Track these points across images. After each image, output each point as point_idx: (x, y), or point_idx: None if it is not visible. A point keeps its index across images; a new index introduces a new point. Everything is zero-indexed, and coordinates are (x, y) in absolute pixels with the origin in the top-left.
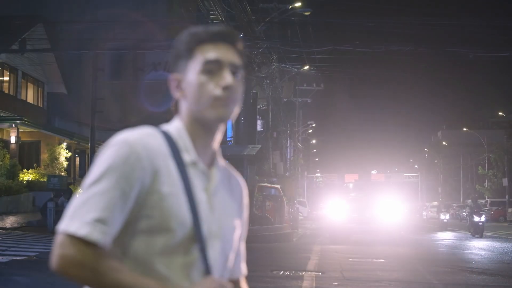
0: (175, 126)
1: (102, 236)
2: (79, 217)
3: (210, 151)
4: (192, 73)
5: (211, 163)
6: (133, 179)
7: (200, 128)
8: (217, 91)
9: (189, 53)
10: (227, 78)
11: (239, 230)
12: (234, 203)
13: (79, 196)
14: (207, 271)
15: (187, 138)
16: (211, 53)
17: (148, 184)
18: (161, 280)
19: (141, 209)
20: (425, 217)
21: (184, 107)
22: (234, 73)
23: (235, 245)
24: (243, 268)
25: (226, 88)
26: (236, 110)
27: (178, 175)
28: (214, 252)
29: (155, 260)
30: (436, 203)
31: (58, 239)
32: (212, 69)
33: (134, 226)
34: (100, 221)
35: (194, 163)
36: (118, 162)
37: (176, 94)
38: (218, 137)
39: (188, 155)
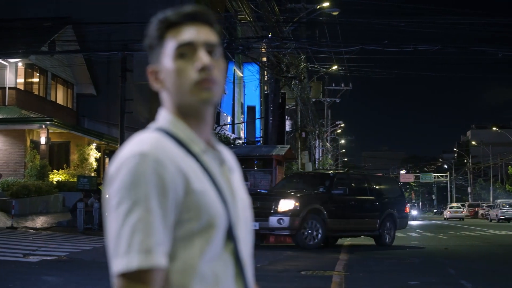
0: (168, 120)
1: (165, 258)
2: (137, 249)
3: (205, 135)
4: (166, 60)
5: (211, 146)
6: (167, 190)
7: (189, 116)
8: (195, 75)
9: (160, 40)
10: (203, 58)
11: (249, 204)
12: (240, 180)
13: (120, 227)
14: (238, 260)
15: (186, 128)
16: (182, 35)
17: (181, 187)
18: (207, 280)
19: (181, 214)
20: (446, 216)
21: (167, 98)
22: (210, 52)
23: (251, 223)
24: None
25: (203, 69)
26: (219, 90)
27: (199, 169)
28: (241, 237)
29: (198, 260)
30: (457, 204)
31: (121, 284)
32: (186, 52)
33: (176, 233)
34: (158, 244)
35: (204, 152)
36: (146, 177)
37: (156, 86)
38: (209, 120)
39: (196, 145)
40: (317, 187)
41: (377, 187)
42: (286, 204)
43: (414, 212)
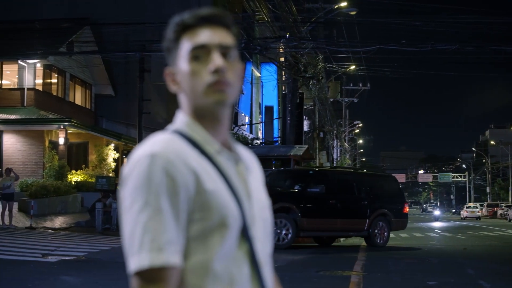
0: (184, 122)
1: (178, 256)
2: (148, 248)
3: (222, 136)
4: (182, 63)
5: (228, 146)
6: (178, 190)
7: (205, 117)
8: (209, 77)
9: (176, 42)
10: (216, 60)
11: (269, 206)
12: (260, 180)
13: (133, 227)
14: (254, 260)
15: (201, 130)
16: (197, 38)
17: (193, 188)
18: (221, 280)
19: (193, 214)
20: (463, 216)
21: (184, 99)
22: (225, 54)
23: (270, 224)
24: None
25: (217, 71)
26: (234, 92)
27: (213, 169)
28: (257, 238)
29: (214, 261)
30: (473, 203)
31: (137, 282)
32: (200, 54)
33: (189, 232)
34: (170, 242)
35: (218, 152)
36: (157, 177)
37: (173, 88)
38: (225, 121)
39: (210, 146)
40: (295, 185)
41: (368, 185)
42: None
43: (437, 213)
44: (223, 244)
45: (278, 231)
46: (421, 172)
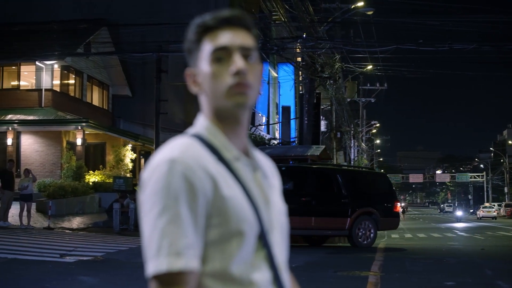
0: (204, 126)
1: (196, 261)
2: (166, 252)
3: (242, 140)
4: (203, 64)
5: (246, 152)
6: (196, 194)
7: (225, 119)
8: (230, 79)
9: (198, 44)
10: (238, 62)
11: (285, 212)
12: (276, 186)
13: (151, 231)
14: (273, 265)
15: (220, 135)
16: (218, 39)
17: (210, 193)
18: (240, 285)
19: (209, 219)
20: (479, 216)
21: (204, 101)
22: (246, 56)
23: (287, 230)
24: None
25: (238, 74)
26: (254, 94)
27: (230, 175)
28: (275, 243)
29: (232, 266)
30: (489, 203)
31: (155, 286)
32: (221, 56)
33: (207, 237)
34: (188, 247)
35: (236, 158)
36: (176, 182)
37: (194, 89)
38: (245, 123)
39: (229, 152)
40: None
41: (352, 182)
42: None
43: (459, 213)
44: (241, 249)
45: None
46: (438, 172)
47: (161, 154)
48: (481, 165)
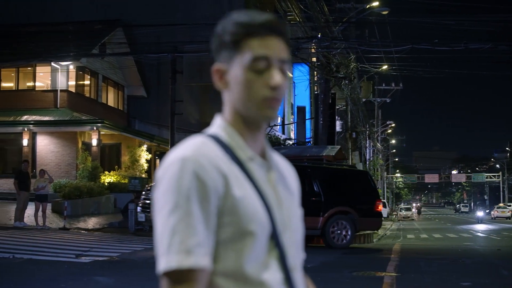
0: (221, 126)
1: (207, 259)
2: (176, 250)
3: (260, 143)
4: (238, 68)
5: (263, 154)
6: (208, 193)
7: (247, 124)
8: (266, 92)
9: (235, 45)
10: (277, 77)
11: (301, 216)
12: (293, 189)
13: (163, 229)
14: (285, 266)
15: (237, 135)
16: (261, 49)
17: (222, 191)
18: (251, 284)
19: (221, 218)
20: (494, 216)
21: (228, 101)
22: (281, 69)
23: (301, 232)
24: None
25: (274, 88)
26: (280, 106)
27: (243, 175)
28: (288, 244)
29: (243, 265)
30: (504, 203)
31: (165, 283)
32: (259, 66)
33: (218, 236)
34: (198, 245)
35: (250, 159)
36: (187, 180)
37: (219, 85)
38: (264, 129)
39: (243, 153)
40: None
41: (326, 180)
42: None
43: (480, 214)
44: (252, 249)
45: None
46: (454, 172)
47: (175, 153)
48: (497, 165)
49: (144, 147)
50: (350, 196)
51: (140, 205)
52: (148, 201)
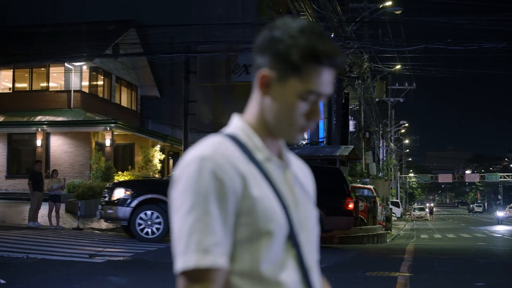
0: (240, 127)
1: (224, 259)
2: (194, 249)
3: (277, 144)
4: (288, 89)
5: (280, 155)
6: (226, 193)
7: (271, 133)
8: (303, 122)
9: (295, 66)
10: (318, 114)
11: (317, 217)
12: (309, 190)
13: (180, 228)
14: (302, 266)
15: (255, 136)
16: (317, 82)
17: (240, 191)
18: (268, 284)
19: (239, 218)
20: (506, 216)
21: (259, 104)
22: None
23: (317, 233)
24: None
25: (313, 122)
26: None
27: (260, 175)
28: (304, 244)
29: (260, 265)
30: None
31: (182, 282)
32: (310, 99)
33: (236, 236)
34: (216, 244)
35: (268, 159)
36: (205, 180)
37: (259, 89)
38: None
39: (261, 153)
40: None
41: None
42: (119, 193)
43: (500, 214)
44: (269, 249)
45: (149, 223)
46: (468, 172)
47: (193, 152)
48: (511, 165)
49: (158, 147)
50: (317, 193)
51: (102, 202)
52: (106, 199)
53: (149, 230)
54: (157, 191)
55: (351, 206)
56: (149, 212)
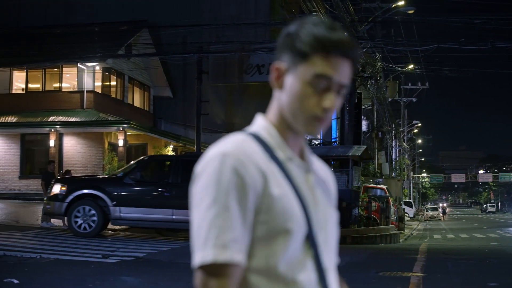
0: (263, 126)
1: (241, 255)
2: (213, 244)
3: (299, 145)
4: (298, 77)
5: (302, 155)
6: (246, 189)
7: (290, 128)
8: (318, 111)
9: (304, 55)
10: (332, 100)
11: (337, 219)
12: (330, 192)
13: (200, 223)
14: (320, 267)
15: (277, 136)
16: (326, 68)
17: (260, 189)
18: (285, 283)
19: (258, 215)
20: None
21: (277, 101)
22: (339, 91)
23: (337, 236)
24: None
25: (326, 110)
26: None
27: (281, 174)
28: (323, 245)
29: (277, 264)
30: None
31: (200, 276)
32: (320, 85)
33: (254, 233)
34: (234, 240)
35: (289, 159)
36: (227, 176)
37: (274, 84)
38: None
39: (282, 153)
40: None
41: None
42: (56, 188)
43: None
44: (287, 248)
45: (85, 218)
46: (481, 172)
47: (215, 149)
48: None
49: (170, 148)
50: None
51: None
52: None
53: (86, 225)
54: (93, 187)
55: None
56: (87, 208)
